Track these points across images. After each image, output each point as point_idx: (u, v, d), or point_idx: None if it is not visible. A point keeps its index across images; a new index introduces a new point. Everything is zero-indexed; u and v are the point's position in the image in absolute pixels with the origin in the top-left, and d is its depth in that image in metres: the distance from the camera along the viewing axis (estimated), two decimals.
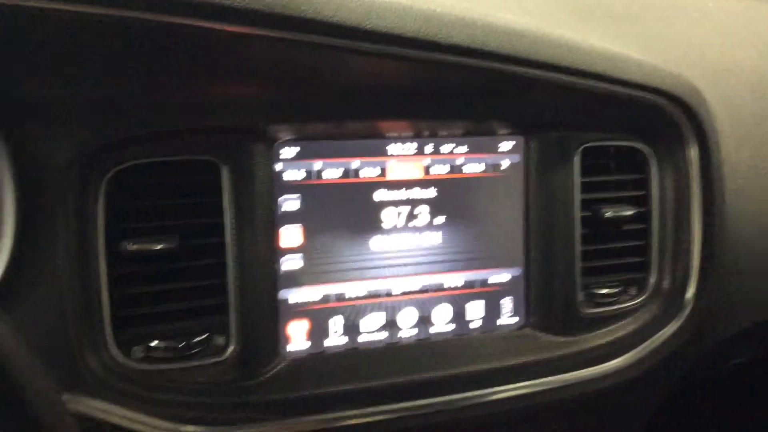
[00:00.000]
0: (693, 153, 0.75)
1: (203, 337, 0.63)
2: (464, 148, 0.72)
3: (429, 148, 0.71)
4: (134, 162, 0.62)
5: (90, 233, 0.60)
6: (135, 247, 0.61)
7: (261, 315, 0.65)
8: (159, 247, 0.61)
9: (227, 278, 0.63)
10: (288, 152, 0.66)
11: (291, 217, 0.67)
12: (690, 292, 0.76)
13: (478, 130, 0.72)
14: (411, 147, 0.70)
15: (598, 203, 0.76)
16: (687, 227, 0.76)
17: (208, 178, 0.63)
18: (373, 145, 0.69)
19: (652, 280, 0.78)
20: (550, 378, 0.73)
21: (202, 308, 0.64)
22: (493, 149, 0.73)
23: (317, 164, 0.67)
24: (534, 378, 0.73)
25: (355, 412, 0.67)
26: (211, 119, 0.62)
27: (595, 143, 0.75)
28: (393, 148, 0.70)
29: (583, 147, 0.74)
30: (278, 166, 0.66)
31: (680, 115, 0.74)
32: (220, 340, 0.64)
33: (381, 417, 0.68)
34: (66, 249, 0.59)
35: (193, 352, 0.63)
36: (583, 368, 0.75)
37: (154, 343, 0.62)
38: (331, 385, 0.67)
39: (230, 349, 0.64)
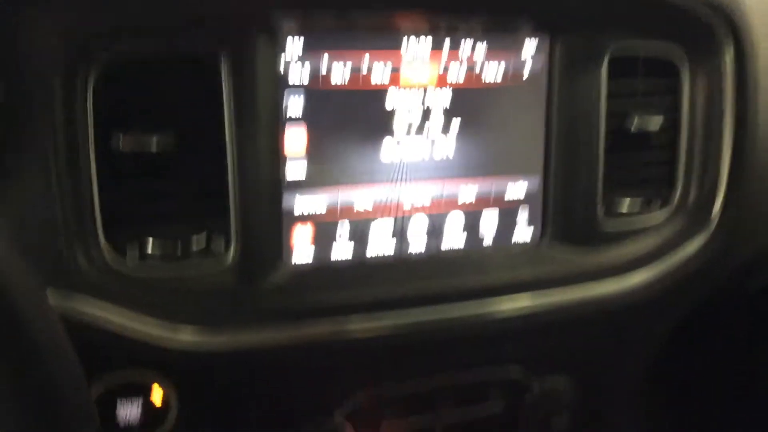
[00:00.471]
0: (728, 59, 0.70)
1: (202, 239, 0.60)
2: (483, 48, 0.66)
3: (445, 45, 0.65)
4: (127, 53, 0.57)
5: (80, 130, 0.56)
6: (128, 144, 0.56)
7: (263, 220, 0.61)
8: (153, 145, 0.57)
9: (227, 179, 0.59)
10: (293, 45, 0.61)
11: (296, 119, 0.62)
12: (717, 206, 0.72)
13: (499, 26, 0.66)
14: (426, 43, 0.65)
15: (624, 113, 0.71)
16: (717, 138, 0.71)
17: (207, 73, 0.58)
18: (385, 39, 0.64)
19: (678, 193, 0.74)
20: (565, 294, 0.70)
21: (200, 210, 0.60)
22: (516, 50, 0.68)
23: (324, 59, 0.62)
24: (549, 293, 0.70)
25: (361, 323, 0.64)
26: (212, 5, 0.57)
27: (625, 48, 0.70)
28: (406, 43, 0.64)
29: (611, 54, 0.69)
30: (283, 60, 0.61)
31: (716, 18, 0.69)
32: (219, 245, 0.61)
33: (387, 329, 0.65)
34: (54, 146, 0.54)
35: (191, 256, 0.59)
36: (600, 285, 0.71)
37: (149, 246, 0.58)
38: (336, 296, 0.64)
39: (230, 254, 0.60)
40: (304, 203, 0.64)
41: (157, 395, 0.61)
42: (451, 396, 0.72)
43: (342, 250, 0.66)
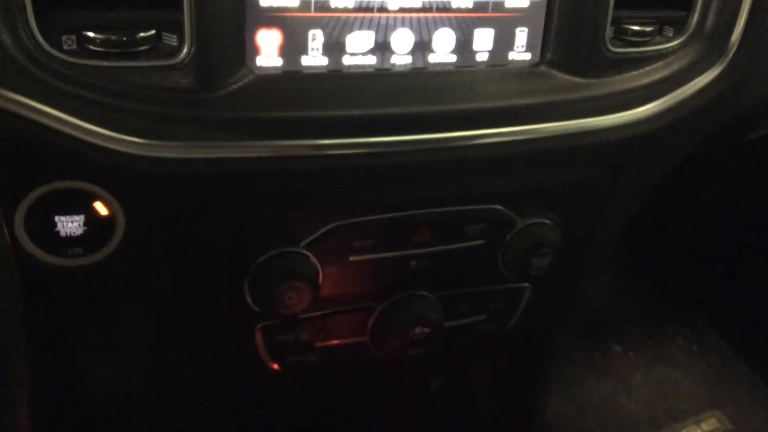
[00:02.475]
0: None
1: (150, 33, 0.51)
2: None
3: None
4: None
5: None
6: None
7: (223, 15, 0.52)
8: None
9: None
10: None
11: None
12: (736, 33, 0.65)
13: None
14: None
15: None
16: None
17: None
18: None
19: (694, 19, 0.66)
20: (564, 123, 0.63)
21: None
22: None
23: None
24: (546, 121, 0.62)
25: (332, 142, 0.56)
26: None
27: None
28: None
29: None
30: None
31: None
32: (172, 40, 0.52)
33: (362, 151, 0.58)
34: None
35: (138, 50, 0.50)
36: (602, 114, 0.64)
37: (89, 34, 0.49)
38: (307, 109, 0.56)
39: (184, 51, 0.51)
40: None
41: (101, 212, 0.55)
42: (428, 230, 0.66)
43: (315, 57, 0.57)
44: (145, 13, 0.51)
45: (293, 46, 0.56)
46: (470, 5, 0.60)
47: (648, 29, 0.65)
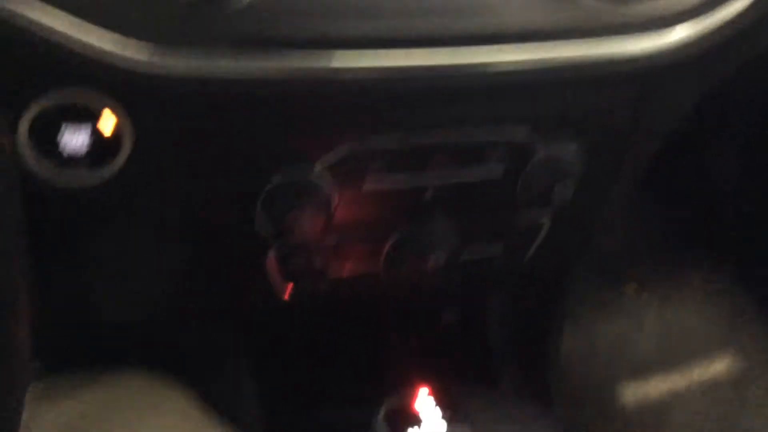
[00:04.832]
0: None
1: None
2: None
3: None
4: None
5: None
6: None
7: None
8: None
9: None
10: None
11: None
12: None
13: None
14: None
15: None
16: None
17: None
18: None
19: None
20: (591, 46, 0.60)
21: None
22: None
23: None
24: (574, 44, 0.59)
25: (348, 61, 0.53)
26: None
27: None
28: None
29: None
30: None
31: None
32: None
33: (377, 70, 0.55)
34: None
35: None
36: (631, 40, 0.61)
37: None
38: (321, 26, 0.53)
39: None
40: None
41: (107, 123, 0.52)
42: (446, 155, 0.64)
43: None
44: None
45: None
46: None
47: None
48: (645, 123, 0.73)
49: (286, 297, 0.67)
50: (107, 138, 0.52)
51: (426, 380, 0.66)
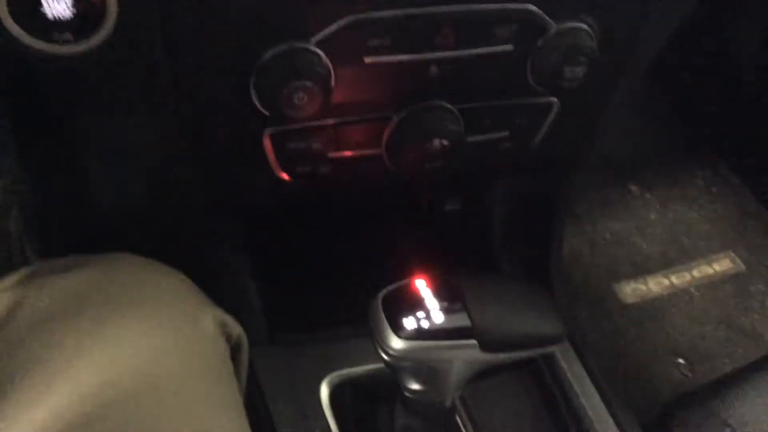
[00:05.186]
0: None
1: None
2: None
3: None
4: None
5: None
6: None
7: None
8: None
9: None
10: None
11: None
12: None
13: None
14: None
15: None
16: None
17: None
18: None
19: None
20: None
21: None
22: None
23: None
24: None
25: None
26: None
27: None
28: None
29: None
30: None
31: None
32: None
33: None
34: None
35: None
36: None
37: None
38: None
39: None
40: None
41: None
42: (451, 30, 0.60)
43: None
44: None
45: None
46: None
47: None
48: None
49: (286, 177, 0.65)
50: (91, 5, 0.49)
51: (426, 269, 0.64)
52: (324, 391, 0.77)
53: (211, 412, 0.53)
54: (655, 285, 1.43)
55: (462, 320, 0.62)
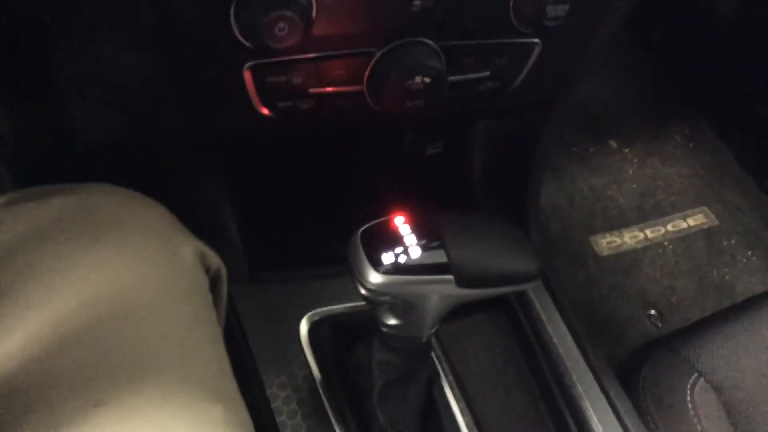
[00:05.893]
0: None
1: None
2: None
3: None
4: None
5: None
6: None
7: None
8: None
9: None
10: None
11: None
12: None
13: None
14: None
15: None
16: None
17: None
18: None
19: None
20: None
21: None
22: None
23: None
24: None
25: None
26: None
27: None
28: None
29: None
30: None
31: None
32: None
33: None
34: None
35: None
36: None
37: None
38: None
39: None
40: None
41: None
42: None
43: None
44: None
45: None
46: None
47: None
48: None
49: (266, 112, 0.65)
50: None
51: (405, 208, 0.65)
52: (303, 328, 0.78)
53: (189, 338, 0.54)
54: (630, 238, 1.45)
55: (439, 256, 0.62)
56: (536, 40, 0.69)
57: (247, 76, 0.62)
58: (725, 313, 0.97)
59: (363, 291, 0.63)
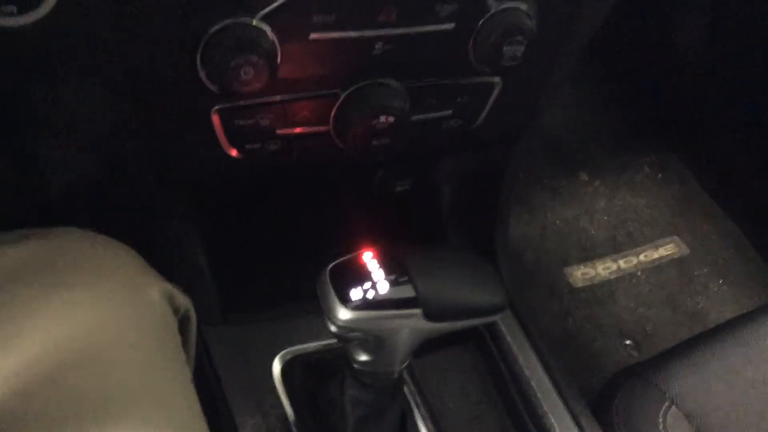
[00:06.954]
0: None
1: None
2: None
3: None
4: None
5: None
6: None
7: None
8: None
9: None
10: None
11: None
12: None
13: None
14: None
15: None
16: None
17: None
18: None
19: None
20: None
21: None
22: None
23: None
24: None
25: None
26: None
27: None
28: None
29: None
30: None
31: None
32: None
33: None
34: None
35: None
36: None
37: None
38: None
39: None
40: None
41: None
42: (394, 8, 0.62)
43: None
44: None
45: None
46: None
47: None
48: None
49: (235, 154, 0.66)
50: None
51: (373, 244, 0.66)
52: (276, 367, 0.78)
53: (157, 380, 0.54)
54: (604, 269, 1.47)
55: (407, 291, 0.63)
56: (496, 78, 0.72)
57: (215, 119, 0.64)
58: (695, 340, 0.98)
59: (333, 328, 0.64)
